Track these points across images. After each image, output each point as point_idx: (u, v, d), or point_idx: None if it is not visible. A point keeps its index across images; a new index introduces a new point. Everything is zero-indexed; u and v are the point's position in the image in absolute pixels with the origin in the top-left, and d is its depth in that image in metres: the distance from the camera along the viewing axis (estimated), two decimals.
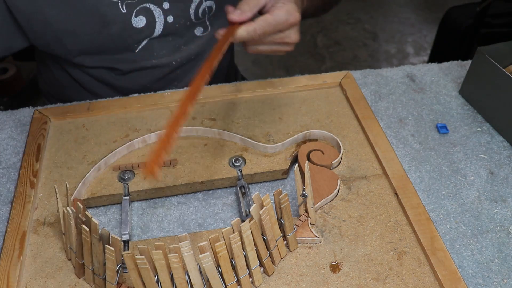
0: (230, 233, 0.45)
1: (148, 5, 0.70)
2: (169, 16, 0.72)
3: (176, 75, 0.80)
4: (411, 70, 0.79)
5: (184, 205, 0.60)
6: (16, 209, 0.56)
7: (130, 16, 0.69)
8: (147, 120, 0.68)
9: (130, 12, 0.69)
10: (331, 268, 0.51)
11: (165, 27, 0.73)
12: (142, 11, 0.70)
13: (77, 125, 0.69)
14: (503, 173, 0.62)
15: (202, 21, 0.77)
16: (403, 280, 0.50)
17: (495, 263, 0.52)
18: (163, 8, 0.71)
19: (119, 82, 0.79)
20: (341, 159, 0.62)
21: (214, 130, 0.66)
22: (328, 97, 0.72)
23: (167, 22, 0.73)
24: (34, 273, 0.51)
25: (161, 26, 0.72)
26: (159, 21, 0.72)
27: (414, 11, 2.55)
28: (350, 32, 2.42)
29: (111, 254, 0.45)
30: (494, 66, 0.65)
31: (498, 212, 0.57)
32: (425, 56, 2.23)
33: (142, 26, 0.71)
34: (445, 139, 0.67)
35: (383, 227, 0.54)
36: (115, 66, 0.76)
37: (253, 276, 0.49)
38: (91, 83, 0.80)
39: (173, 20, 0.73)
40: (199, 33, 0.78)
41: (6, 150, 0.67)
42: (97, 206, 0.60)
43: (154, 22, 0.72)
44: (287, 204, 0.49)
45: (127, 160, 0.63)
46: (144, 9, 0.70)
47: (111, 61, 0.75)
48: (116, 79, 0.78)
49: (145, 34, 0.72)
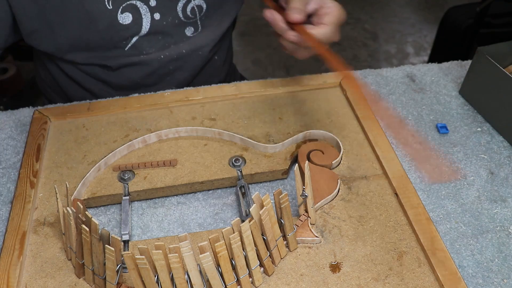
0: (230, 233, 0.45)
1: (134, 2, 0.70)
2: (155, 14, 0.73)
3: (167, 70, 0.80)
4: (411, 70, 0.79)
5: (184, 205, 0.60)
6: (16, 209, 0.56)
7: (116, 12, 0.70)
8: (147, 120, 0.68)
9: (116, 8, 0.70)
10: (331, 268, 0.51)
11: (152, 24, 0.73)
12: (128, 8, 0.71)
13: (77, 125, 0.69)
14: (503, 173, 0.62)
15: (193, 21, 0.77)
16: (403, 280, 0.50)
17: (495, 263, 0.52)
18: (149, 5, 0.72)
19: (111, 78, 0.80)
20: (341, 159, 0.62)
21: (214, 130, 0.66)
22: (328, 97, 0.72)
23: (154, 20, 0.73)
24: (34, 273, 0.51)
25: (148, 23, 0.73)
26: (145, 18, 0.72)
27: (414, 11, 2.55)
28: (350, 32, 2.42)
29: (111, 254, 0.45)
30: (494, 66, 0.65)
31: (498, 212, 0.57)
32: (425, 56, 2.23)
33: (128, 22, 0.72)
34: (445, 139, 0.67)
35: (383, 227, 0.54)
36: (104, 63, 0.77)
37: (253, 276, 0.49)
38: (85, 80, 0.81)
39: (160, 18, 0.73)
40: (189, 33, 0.78)
41: (6, 150, 0.67)
42: (97, 206, 0.60)
43: (141, 19, 0.72)
44: (287, 204, 0.49)
45: (127, 160, 0.63)
46: (131, 6, 0.71)
47: (100, 57, 0.76)
48: (108, 75, 0.79)
49: (132, 31, 0.73)
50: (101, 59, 0.76)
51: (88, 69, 0.79)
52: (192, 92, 0.73)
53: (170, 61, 0.79)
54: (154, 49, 0.77)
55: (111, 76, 0.79)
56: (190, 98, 0.71)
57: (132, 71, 0.79)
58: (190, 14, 0.75)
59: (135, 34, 0.74)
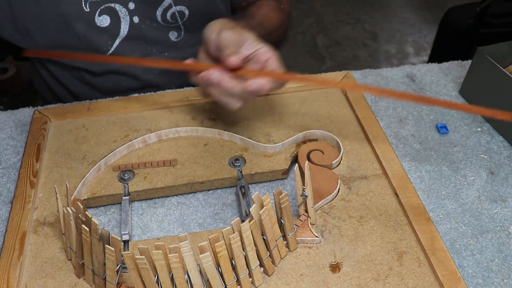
0: (230, 233, 0.45)
1: (113, 5, 0.70)
2: (134, 17, 0.73)
3: (152, 75, 0.80)
4: (411, 70, 0.79)
5: (184, 205, 0.60)
6: (16, 209, 0.56)
7: (93, 15, 0.70)
8: (147, 120, 0.68)
9: (93, 11, 0.70)
10: (331, 268, 0.51)
11: (131, 27, 0.73)
12: (106, 11, 0.70)
13: (77, 125, 0.69)
14: (503, 173, 0.62)
15: (175, 25, 0.76)
16: (403, 280, 0.50)
17: (495, 263, 0.52)
18: (128, 8, 0.72)
19: (97, 82, 0.80)
20: (341, 159, 0.62)
21: (214, 130, 0.66)
22: (328, 97, 0.72)
23: (133, 23, 0.73)
24: (34, 273, 0.51)
25: (127, 26, 0.73)
26: (124, 21, 0.72)
27: (414, 11, 2.55)
28: (350, 32, 2.42)
29: (111, 254, 0.45)
30: (494, 66, 0.65)
31: (498, 212, 0.57)
32: (425, 56, 2.23)
33: (106, 25, 0.72)
34: (445, 139, 0.67)
35: (383, 227, 0.54)
36: (88, 68, 0.77)
37: (253, 276, 0.49)
38: (74, 83, 0.81)
39: (139, 21, 0.73)
40: (173, 37, 0.78)
41: (6, 150, 0.67)
42: (97, 206, 0.60)
43: (119, 21, 0.72)
44: (287, 204, 0.49)
45: (127, 160, 0.63)
46: (108, 9, 0.70)
47: (83, 62, 0.76)
48: (94, 80, 0.79)
49: (110, 33, 0.73)
50: (85, 64, 0.76)
51: (75, 73, 0.79)
52: (192, 92, 0.73)
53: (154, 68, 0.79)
54: (137, 54, 0.76)
55: (97, 81, 0.79)
56: (190, 98, 0.71)
57: (116, 76, 0.79)
58: (170, 19, 0.75)
59: (114, 36, 0.73)
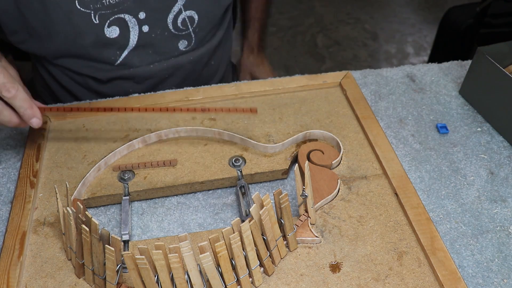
0: (230, 233, 0.45)
1: (123, 15, 0.70)
2: (144, 26, 0.72)
3: (158, 80, 0.80)
4: (411, 70, 0.79)
5: (184, 205, 0.60)
6: (16, 209, 0.56)
7: (102, 27, 0.70)
8: (147, 120, 0.68)
9: (103, 23, 0.69)
10: (331, 268, 0.51)
11: (140, 37, 0.73)
12: (115, 22, 0.70)
13: (77, 125, 0.69)
14: (503, 173, 0.62)
15: (186, 33, 0.76)
16: (403, 280, 0.50)
17: (495, 263, 0.52)
18: (138, 18, 0.71)
19: (102, 89, 0.79)
20: (341, 159, 0.62)
21: (214, 130, 0.66)
22: (328, 97, 0.72)
23: (142, 32, 0.72)
24: (34, 273, 0.51)
25: (136, 36, 0.73)
26: (133, 31, 0.72)
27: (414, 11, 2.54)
28: (350, 32, 2.42)
29: (111, 254, 0.45)
30: (494, 66, 0.65)
31: (498, 212, 0.57)
32: (425, 56, 2.23)
33: (115, 36, 0.71)
34: (445, 139, 0.67)
35: (383, 227, 0.54)
36: (95, 75, 0.77)
37: (253, 276, 0.49)
38: (76, 88, 0.80)
39: (149, 30, 0.73)
40: (182, 46, 0.77)
41: (6, 150, 0.67)
42: (97, 206, 0.60)
43: (128, 32, 0.72)
44: (287, 204, 0.49)
45: (127, 160, 0.63)
46: (118, 20, 0.70)
47: (91, 69, 0.76)
48: (99, 87, 0.79)
49: (119, 44, 0.73)
50: (92, 71, 0.76)
51: (80, 79, 0.78)
52: (192, 92, 0.73)
53: (161, 70, 0.79)
54: (145, 63, 0.77)
55: (102, 88, 0.79)
56: (190, 98, 0.71)
57: (123, 83, 0.79)
58: (181, 26, 0.75)
59: (123, 47, 0.73)
